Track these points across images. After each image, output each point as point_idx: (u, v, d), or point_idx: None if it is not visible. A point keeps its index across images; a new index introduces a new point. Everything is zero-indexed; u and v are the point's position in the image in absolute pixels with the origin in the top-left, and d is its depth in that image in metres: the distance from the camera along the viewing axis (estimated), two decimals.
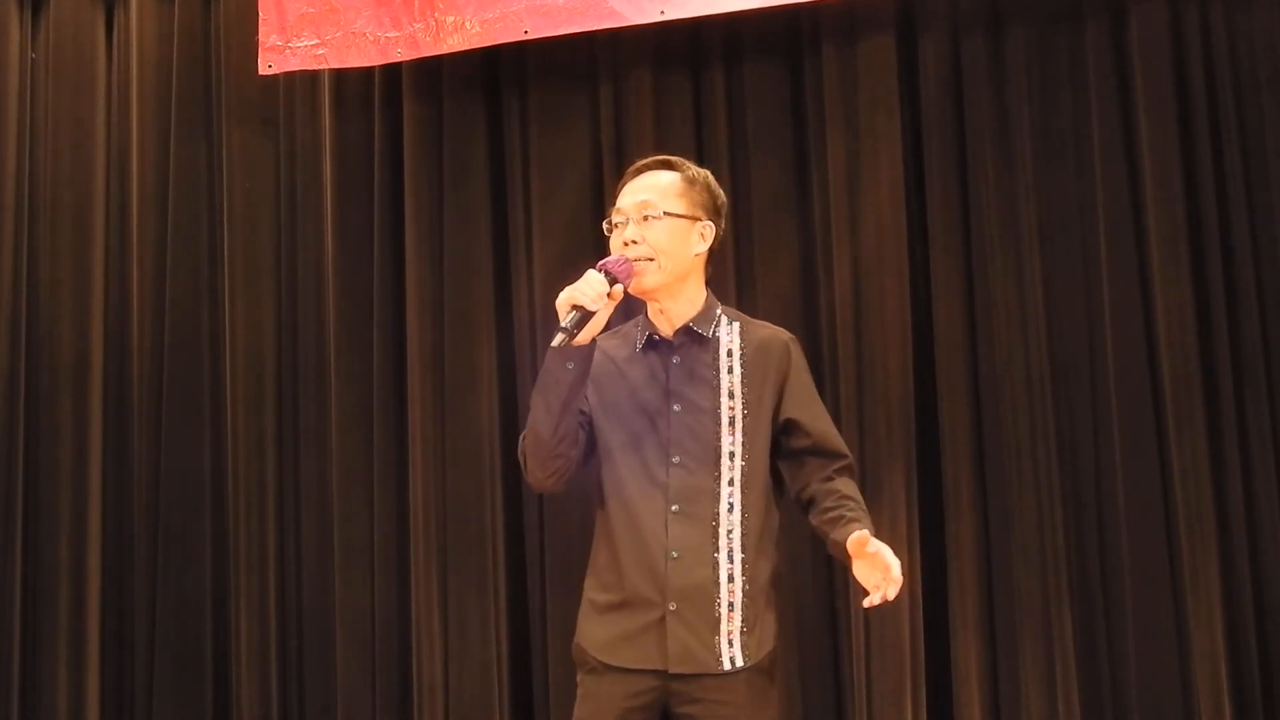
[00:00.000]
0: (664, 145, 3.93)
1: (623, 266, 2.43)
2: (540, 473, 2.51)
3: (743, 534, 2.45)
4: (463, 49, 3.97)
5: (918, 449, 3.71)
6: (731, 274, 3.90)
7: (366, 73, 4.20)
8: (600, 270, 2.40)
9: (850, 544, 2.31)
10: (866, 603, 2.32)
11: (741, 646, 2.42)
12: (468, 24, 3.94)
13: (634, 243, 2.48)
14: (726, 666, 2.40)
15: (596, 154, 4.01)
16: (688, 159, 3.88)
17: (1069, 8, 3.78)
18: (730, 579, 2.42)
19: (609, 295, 2.39)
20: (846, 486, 2.50)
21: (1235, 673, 3.51)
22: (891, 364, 3.72)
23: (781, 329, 2.64)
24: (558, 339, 2.35)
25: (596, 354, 2.50)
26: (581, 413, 2.52)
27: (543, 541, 3.90)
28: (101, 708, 4.28)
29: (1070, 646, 3.57)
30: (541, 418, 2.44)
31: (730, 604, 2.41)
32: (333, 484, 4.14)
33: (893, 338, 3.73)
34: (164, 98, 4.44)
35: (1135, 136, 3.68)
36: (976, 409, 3.71)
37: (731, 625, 2.41)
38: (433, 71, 4.13)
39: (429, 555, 3.96)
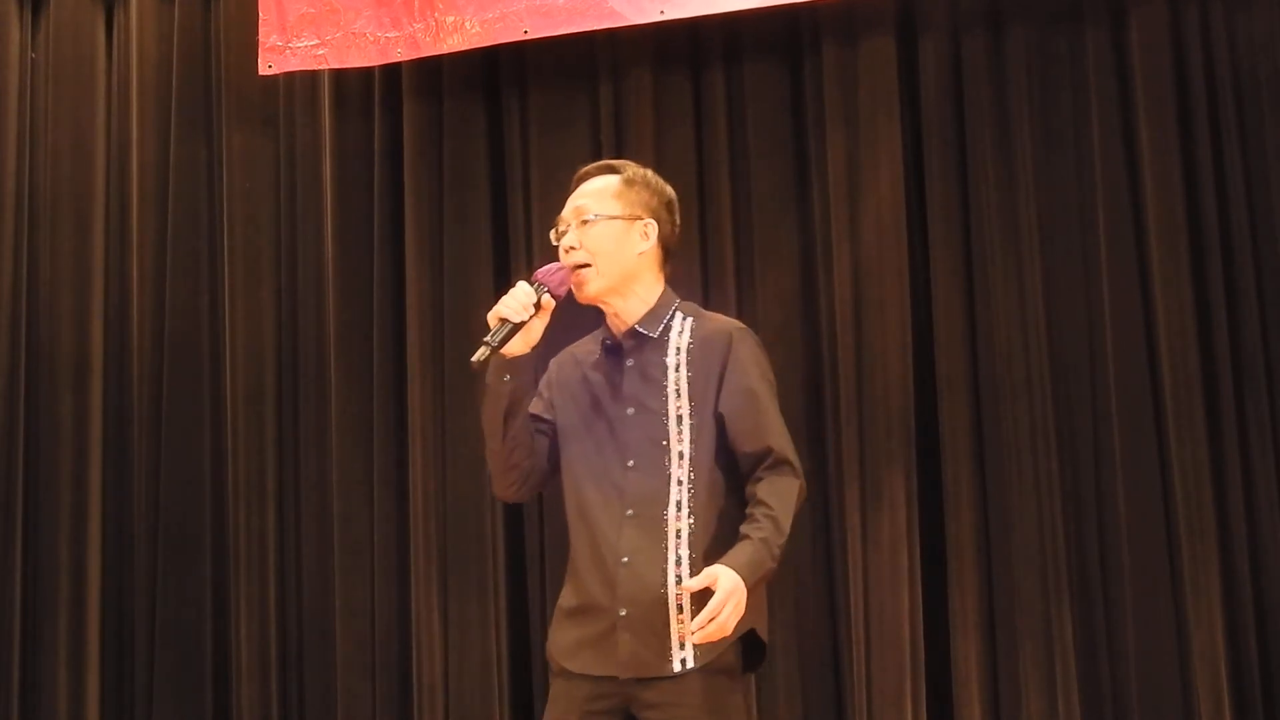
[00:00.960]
0: (664, 145, 3.95)
1: (556, 275, 2.45)
2: (500, 483, 2.56)
3: (691, 534, 2.44)
4: (462, 49, 3.97)
5: (918, 449, 3.71)
6: (731, 274, 3.90)
7: (366, 73, 4.20)
8: (533, 280, 2.42)
9: (705, 573, 2.30)
10: (695, 624, 2.30)
11: (693, 647, 2.39)
12: (467, 24, 3.94)
13: (572, 249, 2.50)
14: (677, 668, 2.39)
15: (596, 154, 4.00)
16: (688, 159, 3.95)
17: (1069, 8, 3.78)
18: (679, 580, 2.41)
19: (539, 305, 2.40)
20: (768, 489, 2.43)
21: (1235, 673, 3.51)
22: (891, 364, 3.72)
23: (733, 320, 2.62)
24: (478, 353, 2.36)
25: (568, 361, 2.56)
26: (544, 421, 2.55)
27: (543, 541, 3.89)
28: (101, 708, 4.28)
29: (1070, 646, 3.57)
30: (489, 431, 2.49)
31: (680, 606, 2.39)
32: (333, 484, 4.13)
33: (893, 338, 3.73)
34: (164, 98, 4.44)
35: (1135, 136, 3.68)
36: (976, 409, 3.71)
37: (682, 627, 2.39)
38: (433, 72, 4.13)
39: (429, 555, 3.96)
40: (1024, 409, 3.65)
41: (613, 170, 2.60)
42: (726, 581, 2.30)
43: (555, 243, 2.57)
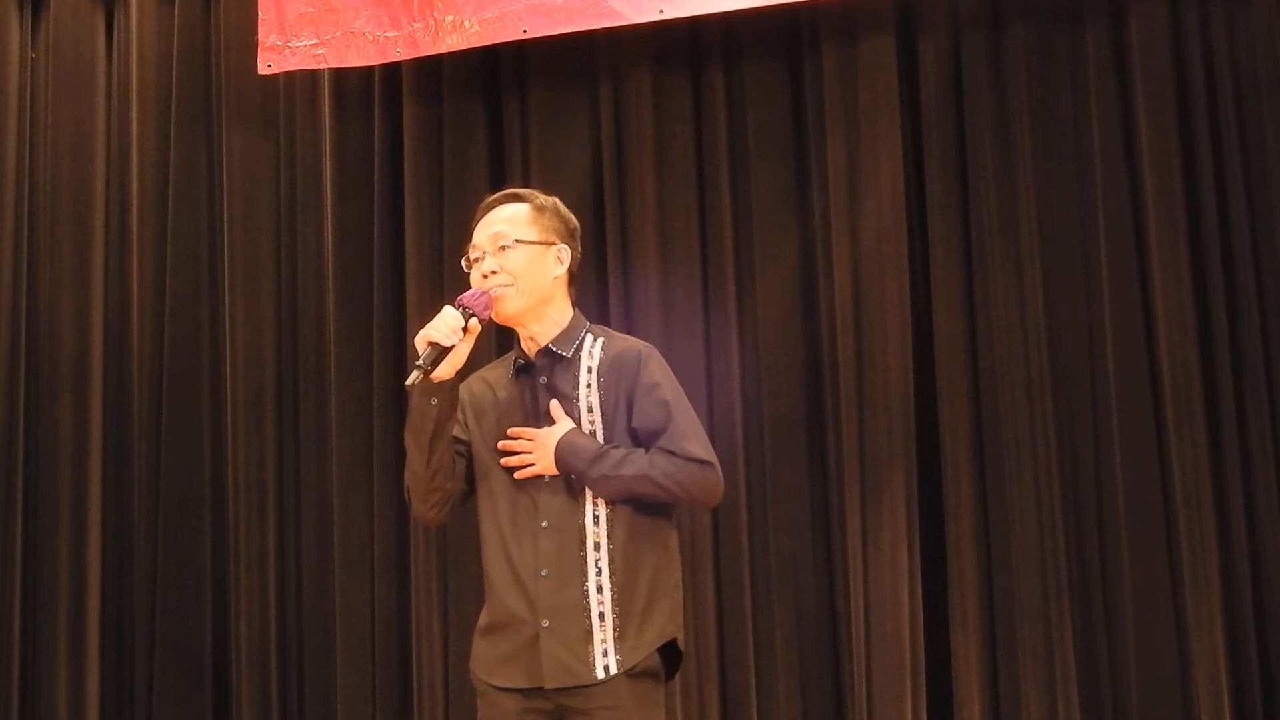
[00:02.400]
0: (664, 145, 3.95)
1: (480, 299, 2.50)
2: (422, 506, 2.59)
3: (609, 544, 2.49)
4: (462, 48, 3.97)
5: (918, 449, 3.71)
6: (731, 274, 3.90)
7: (366, 73, 4.20)
8: (458, 305, 2.47)
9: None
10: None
11: (615, 654, 2.45)
12: (467, 23, 3.94)
13: (493, 273, 2.55)
14: (600, 675, 2.44)
15: (596, 154, 4.02)
16: (688, 159, 3.95)
17: (1069, 8, 3.78)
18: (599, 589, 2.47)
19: (465, 329, 2.45)
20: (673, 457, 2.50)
21: (1235, 673, 3.51)
22: (891, 364, 3.72)
23: (640, 341, 2.68)
24: (411, 376, 2.41)
25: (479, 384, 2.63)
26: (460, 442, 2.59)
27: None
28: (101, 708, 4.28)
29: (1070, 646, 3.57)
30: (414, 454, 2.53)
31: (600, 614, 2.46)
32: (333, 484, 4.14)
33: (893, 338, 3.73)
34: (164, 98, 4.44)
35: (1135, 136, 3.68)
36: (976, 409, 3.71)
37: (604, 634, 2.46)
38: (432, 71, 4.13)
39: (429, 555, 3.96)
40: (1024, 409, 3.65)
41: (519, 199, 2.66)
42: (546, 429, 2.50)
43: (467, 270, 2.61)
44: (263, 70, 4.17)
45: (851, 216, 3.80)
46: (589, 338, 2.62)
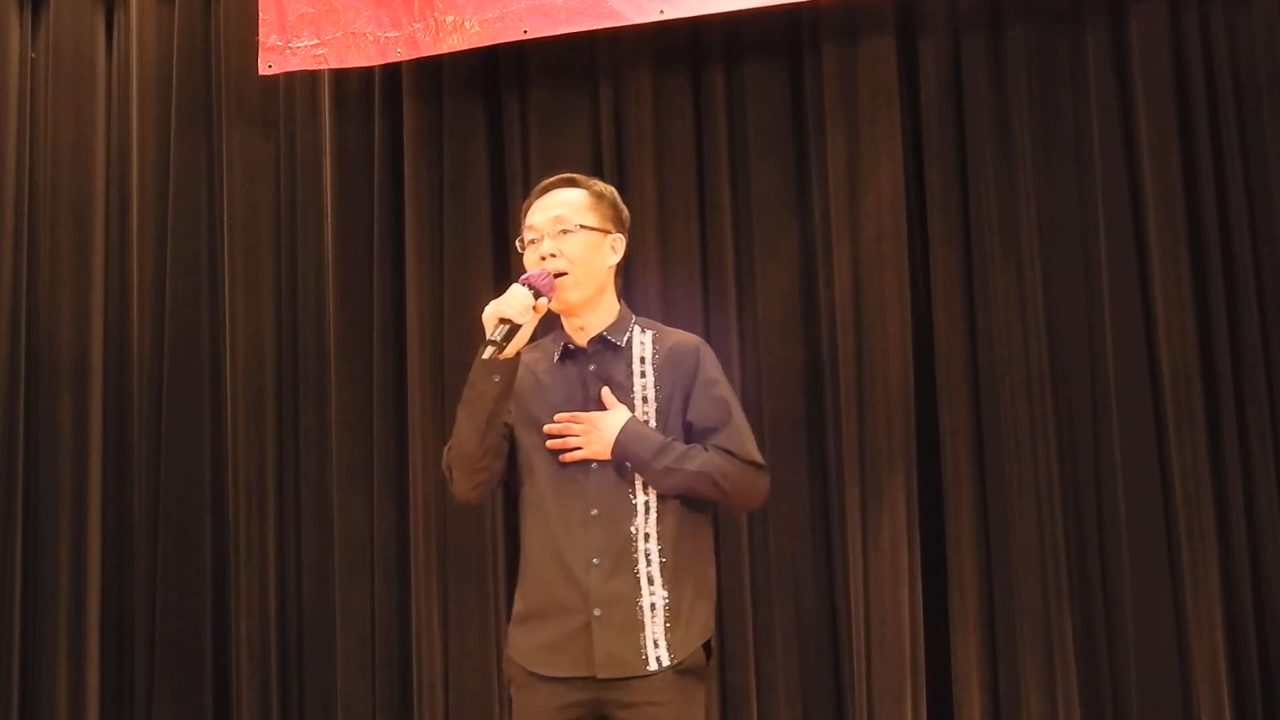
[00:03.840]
0: (664, 145, 3.95)
1: (546, 280, 2.49)
2: (465, 484, 2.56)
3: (659, 535, 2.48)
4: (462, 49, 3.98)
5: (918, 449, 3.71)
6: (731, 274, 3.90)
7: (366, 73, 4.20)
8: (524, 284, 2.45)
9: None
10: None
11: (667, 646, 2.44)
12: (467, 24, 3.94)
13: (551, 256, 2.53)
14: (653, 667, 2.43)
15: (596, 154, 4.01)
16: (688, 159, 3.95)
17: (1069, 8, 3.78)
18: (650, 581, 2.46)
19: (534, 308, 2.44)
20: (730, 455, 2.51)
21: (1235, 673, 3.52)
22: (891, 364, 3.72)
23: (693, 335, 2.67)
24: (486, 352, 2.40)
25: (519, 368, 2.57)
26: (504, 425, 2.56)
27: None
28: (101, 708, 4.28)
29: (1070, 646, 3.57)
30: (467, 432, 2.50)
31: (652, 605, 2.45)
32: (333, 484, 4.14)
33: (893, 338, 3.73)
34: (164, 98, 4.44)
35: (1135, 136, 3.68)
36: (976, 409, 3.71)
37: (655, 626, 2.45)
38: (433, 71, 4.13)
39: (429, 555, 3.96)
40: (1024, 409, 3.65)
41: (577, 184, 2.65)
42: (600, 413, 2.48)
43: (521, 251, 2.60)
44: (263, 70, 4.17)
45: (851, 216, 3.80)
46: (637, 329, 2.61)
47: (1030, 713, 3.57)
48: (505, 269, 4.05)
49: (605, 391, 2.52)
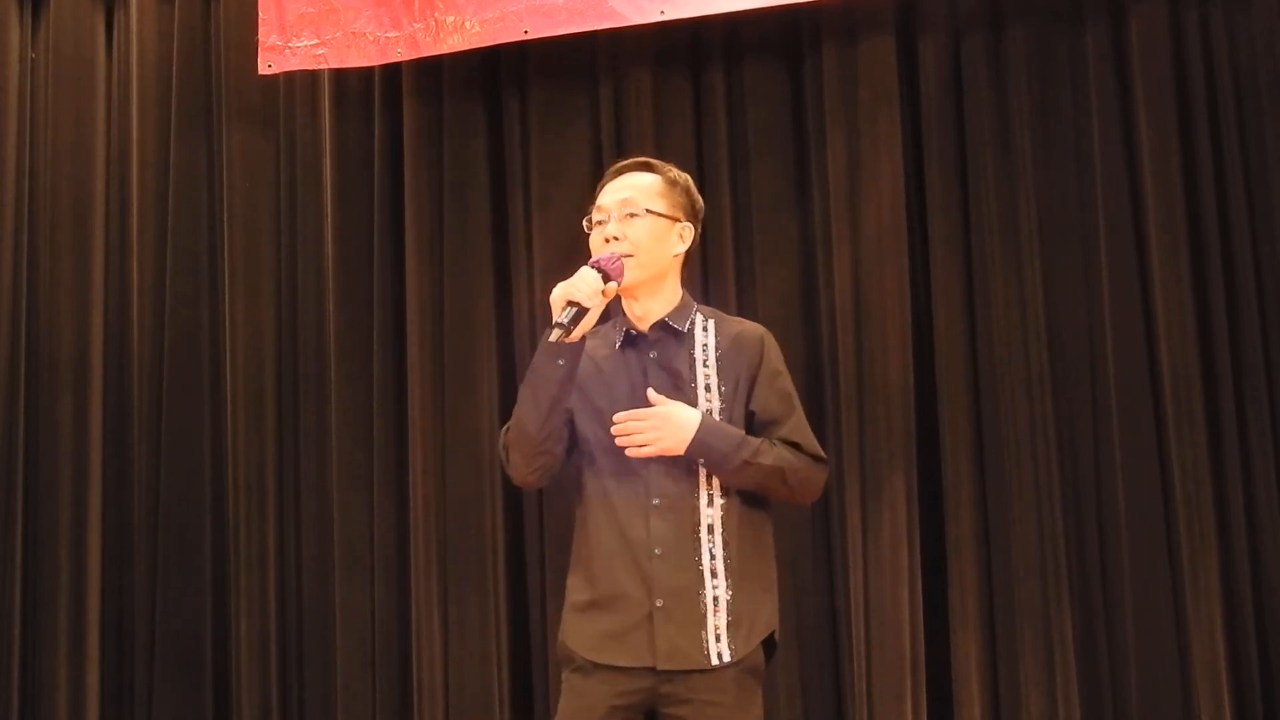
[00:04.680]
0: (664, 145, 3.94)
1: (615, 264, 2.46)
2: (525, 468, 2.53)
3: (724, 528, 2.47)
4: (463, 49, 3.97)
5: (918, 449, 3.71)
6: (731, 274, 3.90)
7: (366, 73, 4.20)
8: (593, 267, 2.43)
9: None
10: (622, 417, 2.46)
11: (729, 641, 2.43)
12: (467, 24, 3.94)
13: (615, 239, 2.52)
14: (714, 662, 2.42)
15: (596, 154, 4.01)
16: (688, 159, 3.95)
17: (1069, 8, 3.78)
18: (714, 574, 2.44)
19: (603, 292, 2.42)
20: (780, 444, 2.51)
21: (1235, 673, 3.51)
22: (891, 364, 3.72)
23: (756, 324, 2.66)
24: (554, 334, 2.38)
25: None
26: (566, 410, 2.53)
27: (543, 541, 3.89)
28: (101, 708, 4.28)
29: (1070, 646, 3.57)
30: (530, 414, 2.47)
31: (715, 599, 2.43)
32: (333, 484, 4.14)
33: (893, 338, 3.73)
34: (164, 98, 4.44)
35: (1135, 136, 3.68)
36: (976, 409, 3.71)
37: (717, 620, 2.43)
38: (433, 71, 4.13)
39: (429, 555, 3.96)
40: (1024, 409, 3.65)
41: (651, 169, 2.63)
42: (667, 408, 2.44)
43: (588, 231, 2.58)
44: (263, 70, 4.17)
45: (851, 216, 3.80)
46: (699, 316, 2.60)
47: (1030, 713, 3.56)
48: (505, 269, 4.06)
49: (650, 392, 2.48)
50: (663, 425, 2.44)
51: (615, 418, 2.46)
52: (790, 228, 3.91)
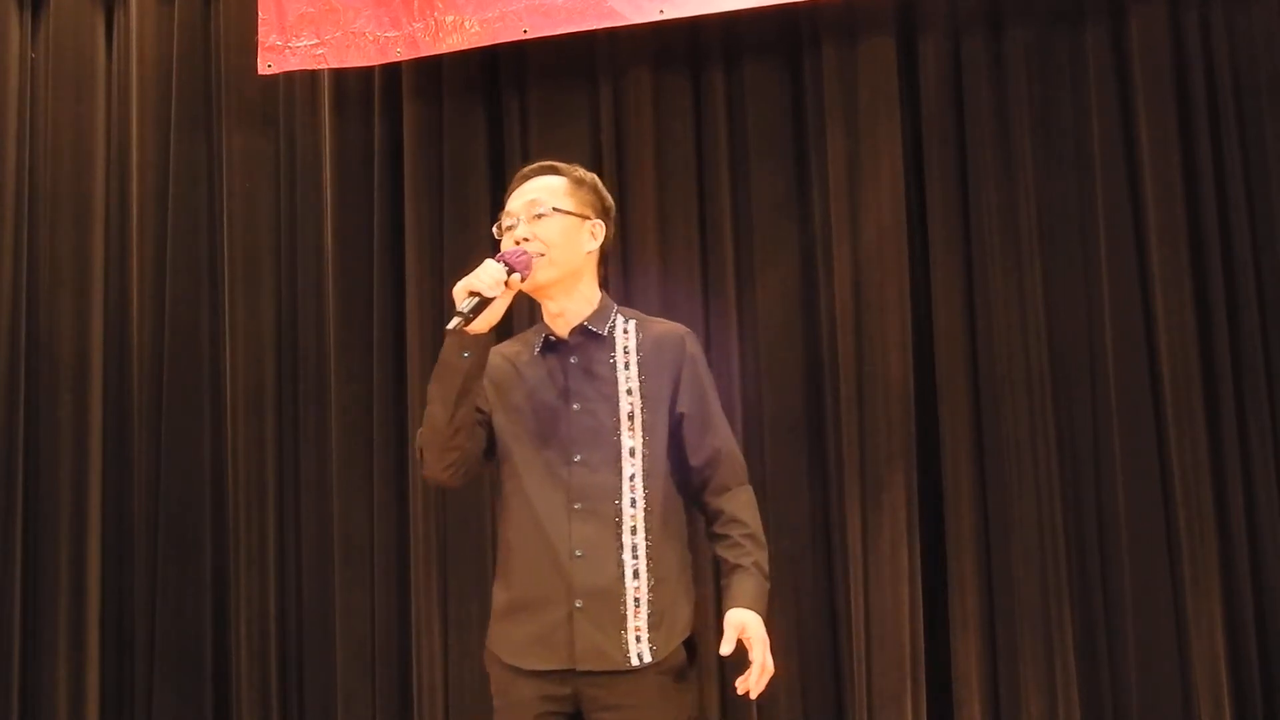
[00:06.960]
0: (664, 145, 3.95)
1: (521, 258, 2.47)
2: (437, 465, 2.51)
3: (646, 529, 2.47)
4: (462, 49, 3.98)
5: (918, 449, 3.71)
6: (731, 274, 3.90)
7: (366, 73, 4.20)
8: (498, 260, 2.45)
9: (729, 625, 2.42)
10: (739, 687, 2.44)
11: (649, 642, 2.43)
12: (467, 23, 3.94)
13: (526, 240, 2.53)
14: (634, 663, 2.42)
15: (596, 154, 4.01)
16: (688, 159, 3.95)
17: (1069, 8, 3.78)
18: (635, 575, 2.45)
19: (506, 284, 2.43)
20: (735, 504, 2.56)
21: (1235, 673, 3.52)
22: (891, 364, 3.72)
23: (679, 324, 2.66)
24: (453, 323, 2.39)
25: (497, 359, 2.57)
26: (481, 411, 2.54)
27: None
28: (101, 708, 4.28)
29: (1070, 646, 3.57)
30: (437, 408, 2.47)
31: (636, 600, 2.44)
32: (333, 484, 4.14)
33: (893, 338, 3.73)
34: (164, 98, 4.44)
35: (1135, 136, 3.68)
36: (976, 409, 3.71)
37: (638, 621, 2.44)
38: (433, 71, 4.13)
39: (429, 555, 3.96)
40: (1024, 409, 3.65)
41: (557, 171, 2.64)
42: (757, 629, 2.43)
43: (498, 237, 2.59)
44: (263, 70, 4.17)
45: (851, 217, 3.80)
46: (620, 318, 2.60)
47: (1030, 713, 3.56)
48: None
49: (729, 618, 2.45)
50: (764, 643, 2.45)
51: (750, 687, 2.46)
52: (790, 228, 3.91)
